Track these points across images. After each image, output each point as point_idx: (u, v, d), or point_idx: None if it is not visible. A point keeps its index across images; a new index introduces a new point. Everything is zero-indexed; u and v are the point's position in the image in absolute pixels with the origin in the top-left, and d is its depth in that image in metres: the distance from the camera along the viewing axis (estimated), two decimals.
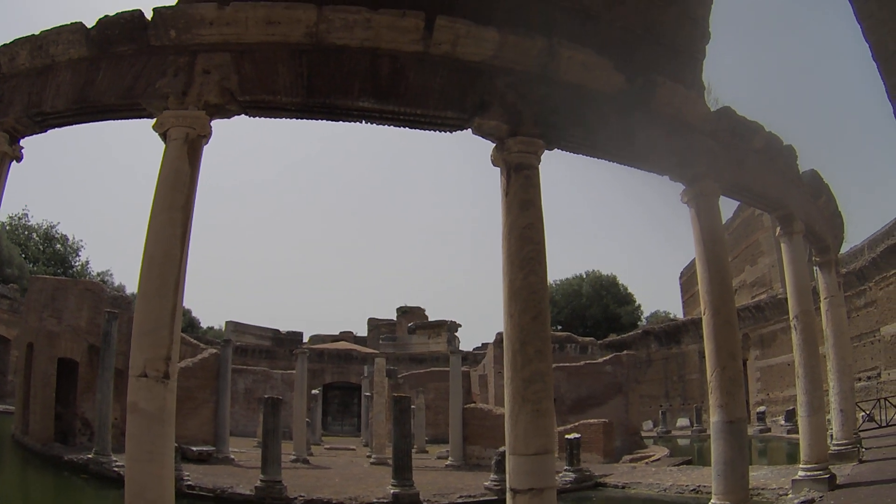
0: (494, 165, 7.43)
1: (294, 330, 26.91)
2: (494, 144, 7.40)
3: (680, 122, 8.96)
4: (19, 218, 58.31)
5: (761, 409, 33.05)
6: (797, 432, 24.36)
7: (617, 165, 8.61)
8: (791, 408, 28.48)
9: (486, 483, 15.13)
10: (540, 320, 6.79)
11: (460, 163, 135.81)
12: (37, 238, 59.41)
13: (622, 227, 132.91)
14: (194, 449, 20.18)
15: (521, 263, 6.85)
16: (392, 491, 13.69)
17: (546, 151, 7.47)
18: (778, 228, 12.06)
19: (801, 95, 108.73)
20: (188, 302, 71.17)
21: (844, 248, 24.84)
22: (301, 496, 13.77)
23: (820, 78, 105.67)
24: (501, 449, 14.86)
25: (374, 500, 13.62)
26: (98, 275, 58.60)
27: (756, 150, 10.59)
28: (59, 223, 65.53)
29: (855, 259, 28.31)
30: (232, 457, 21.46)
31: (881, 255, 25.96)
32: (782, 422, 28.79)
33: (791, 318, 11.98)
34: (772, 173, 11.15)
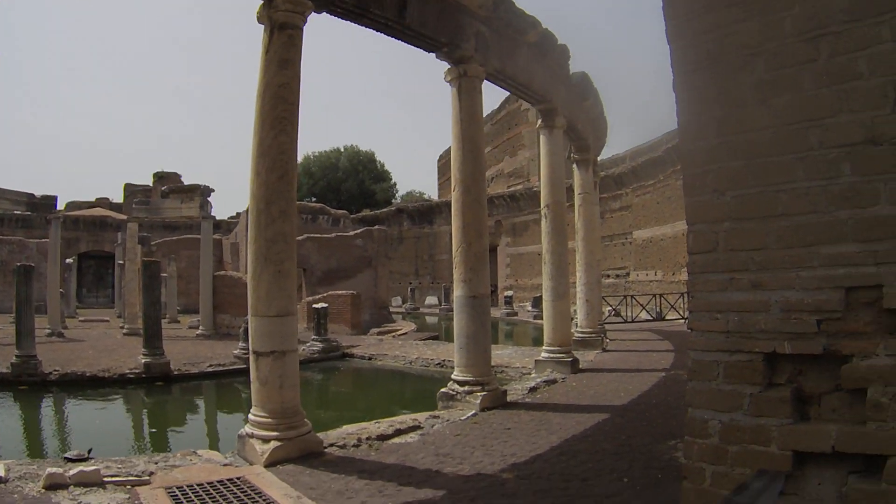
0: (259, 23, 7.00)
1: (49, 194, 24.61)
2: (262, 2, 6.95)
3: (455, 4, 8.94)
4: None
5: (509, 293, 34.71)
6: (543, 318, 26.39)
7: (387, 43, 8.42)
8: (538, 295, 30.61)
9: (234, 352, 15.15)
10: (286, 180, 6.63)
11: (222, 24, 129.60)
12: None
13: (384, 104, 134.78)
14: None
15: (272, 122, 6.61)
16: (143, 361, 13.52)
17: (315, 15, 7.18)
18: (539, 121, 12.45)
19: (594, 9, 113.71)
20: None
21: (607, 154, 26.65)
22: (56, 370, 13.29)
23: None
24: None
25: (127, 371, 13.44)
26: None
27: (529, 44, 10.85)
28: None
29: (615, 165, 30.41)
30: None
31: (641, 166, 28.09)
32: (529, 307, 30.52)
33: (542, 207, 12.55)
34: (541, 68, 11.50)
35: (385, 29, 8.25)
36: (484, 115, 10.65)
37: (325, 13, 7.44)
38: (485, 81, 9.65)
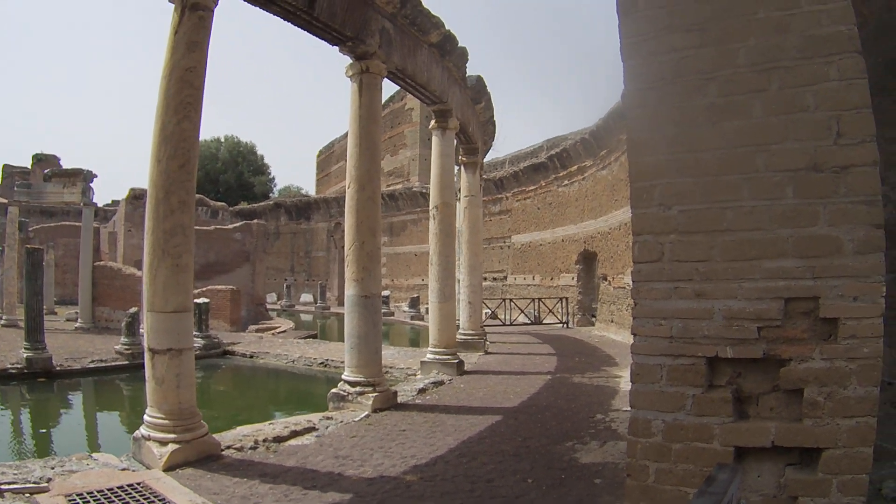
0: (170, 2, 6.70)
1: None
2: None
3: None
4: None
5: (385, 293, 34.47)
6: (420, 319, 26.68)
7: (269, 33, 8.27)
8: (415, 295, 30.71)
9: (116, 347, 14.57)
10: (187, 169, 6.44)
11: (117, 6, 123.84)
12: None
13: (265, 95, 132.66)
14: None
15: (176, 107, 6.39)
16: (25, 355, 12.94)
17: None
18: (433, 121, 12.60)
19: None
20: None
21: (487, 157, 27.03)
22: None
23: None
24: (132, 310, 14.18)
25: (9, 366, 12.87)
26: None
27: (430, 44, 10.97)
28: None
29: (495, 169, 30.91)
30: None
31: (523, 171, 28.52)
32: (406, 308, 30.57)
33: (431, 208, 12.65)
34: (440, 68, 11.64)
35: (293, 18, 8.11)
36: None
37: None
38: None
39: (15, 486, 5.03)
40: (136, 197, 27.64)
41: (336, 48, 9.10)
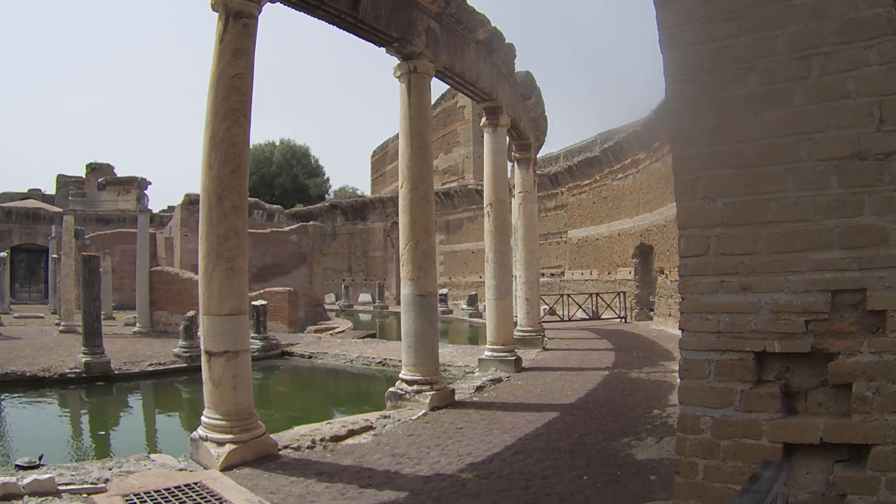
0: (214, 10, 6.86)
1: None
2: None
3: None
4: None
5: (443, 291, 34.53)
6: (479, 316, 26.68)
7: (321, 36, 8.37)
8: (473, 293, 30.63)
9: (174, 350, 14.93)
10: (239, 174, 6.55)
11: (165, 15, 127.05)
12: None
13: (318, 98, 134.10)
14: None
15: (225, 114, 6.51)
16: (84, 360, 13.26)
17: (269, 4, 7.11)
18: (484, 118, 12.59)
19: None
20: None
21: (541, 153, 26.90)
22: None
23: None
24: (189, 314, 14.48)
25: (67, 370, 13.19)
26: None
27: (477, 41, 10.97)
28: None
29: (550, 164, 30.72)
30: None
31: (577, 166, 28.33)
32: (464, 305, 30.57)
33: (486, 205, 12.67)
34: (487, 65, 11.62)
35: (338, 21, 8.20)
36: None
37: (278, 3, 7.36)
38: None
39: (72, 486, 5.16)
40: (192, 202, 28.31)
41: (383, 49, 9.18)
